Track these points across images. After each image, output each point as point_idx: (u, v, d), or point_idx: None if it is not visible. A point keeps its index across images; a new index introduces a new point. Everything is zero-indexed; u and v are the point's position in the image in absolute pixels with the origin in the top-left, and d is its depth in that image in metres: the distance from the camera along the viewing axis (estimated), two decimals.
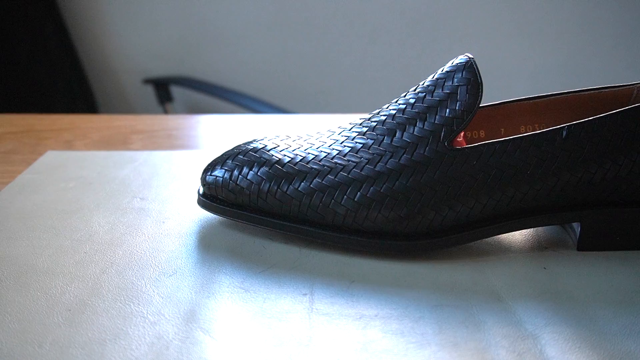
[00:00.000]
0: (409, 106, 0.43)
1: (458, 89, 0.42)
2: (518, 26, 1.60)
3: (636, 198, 0.41)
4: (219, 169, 0.45)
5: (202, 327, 0.34)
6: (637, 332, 0.34)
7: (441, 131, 0.41)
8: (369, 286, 0.38)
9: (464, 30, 1.60)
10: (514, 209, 0.41)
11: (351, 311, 0.36)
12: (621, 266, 0.40)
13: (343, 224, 0.41)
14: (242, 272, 0.40)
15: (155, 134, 0.67)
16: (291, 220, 0.42)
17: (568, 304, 0.36)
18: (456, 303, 0.36)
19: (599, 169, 0.40)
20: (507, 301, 0.37)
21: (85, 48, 1.59)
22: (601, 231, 0.42)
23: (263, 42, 1.61)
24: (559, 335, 0.33)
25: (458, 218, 0.41)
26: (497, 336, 0.33)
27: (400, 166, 0.41)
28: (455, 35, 1.61)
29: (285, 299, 0.37)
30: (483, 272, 0.40)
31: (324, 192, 0.41)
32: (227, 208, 0.44)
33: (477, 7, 1.59)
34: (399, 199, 0.40)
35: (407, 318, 0.35)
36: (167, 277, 0.39)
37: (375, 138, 0.43)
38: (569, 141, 0.40)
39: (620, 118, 0.40)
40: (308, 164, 0.43)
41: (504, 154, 0.40)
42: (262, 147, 0.45)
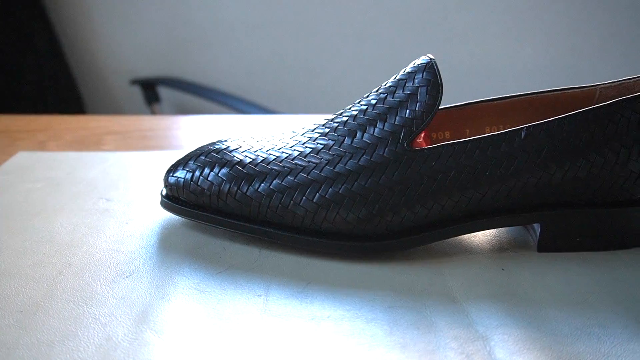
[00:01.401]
0: (370, 107, 0.43)
1: (418, 90, 0.42)
2: (507, 26, 1.60)
3: (595, 199, 0.41)
4: (180, 170, 0.44)
5: (153, 329, 0.34)
6: (588, 333, 0.34)
7: (400, 132, 0.41)
8: (324, 287, 0.38)
9: (453, 30, 1.61)
10: (473, 210, 0.41)
11: (304, 312, 0.36)
12: (579, 267, 0.40)
13: (302, 225, 0.41)
14: (199, 273, 0.40)
15: (129, 134, 0.67)
16: (251, 221, 0.42)
17: (522, 305, 0.36)
18: (410, 304, 0.36)
19: (557, 170, 0.40)
20: (461, 302, 0.37)
21: (73, 49, 1.59)
22: (561, 232, 0.42)
23: (251, 43, 1.61)
24: (509, 337, 0.33)
25: (417, 219, 0.40)
26: (447, 338, 0.33)
27: (359, 167, 0.41)
28: (444, 35, 1.61)
29: (240, 300, 0.37)
30: (441, 273, 0.40)
31: (283, 193, 0.41)
32: (189, 209, 0.44)
33: (467, 7, 1.59)
34: (357, 200, 0.40)
35: (360, 319, 0.35)
36: (124, 279, 0.39)
37: (336, 139, 0.43)
38: (528, 142, 0.40)
39: (579, 119, 0.40)
40: (269, 165, 0.42)
41: (462, 154, 0.40)
42: (225, 148, 0.45)
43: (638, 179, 0.41)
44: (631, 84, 0.44)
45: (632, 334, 0.33)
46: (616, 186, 0.41)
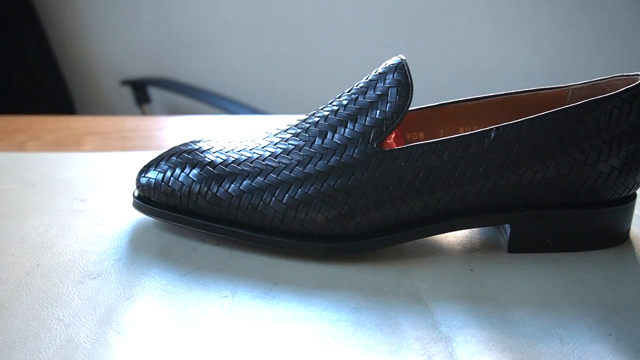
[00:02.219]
0: (342, 107, 0.43)
1: (389, 90, 0.42)
2: (498, 27, 1.60)
3: (565, 200, 0.41)
4: (152, 171, 0.44)
5: (116, 330, 0.34)
6: (551, 335, 0.34)
7: (370, 133, 0.41)
8: (292, 288, 0.38)
9: (444, 31, 1.61)
10: (442, 211, 0.41)
11: (269, 313, 0.35)
12: (548, 268, 0.40)
13: (271, 226, 0.41)
14: (167, 274, 0.39)
15: (110, 135, 0.67)
16: (221, 222, 0.42)
17: (488, 306, 0.36)
18: (376, 305, 0.36)
19: (527, 171, 0.40)
20: (427, 303, 0.36)
21: (62, 49, 1.59)
22: (531, 233, 0.42)
23: (242, 44, 1.60)
24: (472, 338, 0.33)
25: (386, 220, 0.40)
26: (410, 339, 0.33)
27: (328, 168, 0.40)
28: (436, 36, 1.61)
29: (205, 301, 0.37)
30: (409, 274, 0.40)
31: (253, 194, 0.41)
32: (160, 210, 0.44)
33: (457, 9, 1.59)
34: (326, 200, 0.40)
35: (324, 320, 0.35)
36: (91, 280, 0.39)
37: (307, 140, 0.42)
38: (498, 143, 0.40)
39: (548, 120, 0.40)
40: (239, 165, 0.42)
41: (432, 155, 0.40)
42: (197, 149, 0.45)
43: (607, 180, 0.41)
44: (602, 85, 0.44)
45: (595, 335, 0.33)
46: (586, 187, 0.41)
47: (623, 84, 0.43)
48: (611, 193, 0.41)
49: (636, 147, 0.41)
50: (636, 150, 0.41)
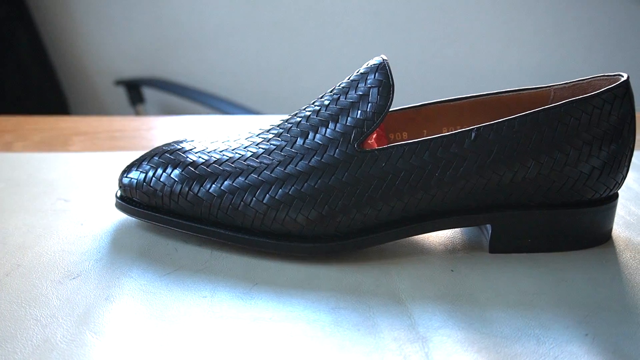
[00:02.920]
0: (323, 108, 0.43)
1: (370, 90, 0.42)
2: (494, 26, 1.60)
3: (546, 200, 0.41)
4: (134, 171, 0.44)
5: (93, 330, 0.34)
6: (528, 335, 0.34)
7: (351, 133, 0.41)
8: (271, 288, 0.38)
9: (438, 31, 1.61)
10: (423, 212, 0.41)
11: (247, 314, 0.35)
12: (529, 268, 0.40)
13: (252, 226, 0.41)
14: (148, 275, 0.39)
15: (98, 135, 0.67)
16: (202, 222, 0.42)
17: (467, 306, 0.36)
18: (355, 305, 0.36)
19: (507, 171, 0.40)
20: (405, 303, 0.36)
21: (56, 49, 1.58)
22: (512, 233, 0.42)
23: (236, 44, 1.60)
24: (448, 338, 0.33)
25: (366, 220, 0.40)
26: (387, 339, 0.33)
27: (309, 168, 0.40)
28: (431, 36, 1.61)
29: (184, 301, 0.37)
30: (389, 274, 0.40)
31: (234, 194, 0.41)
32: (142, 210, 0.44)
33: (451, 9, 1.59)
34: (306, 201, 0.40)
35: (302, 321, 0.35)
36: (70, 280, 0.39)
37: (289, 140, 0.42)
38: (478, 143, 0.40)
39: (529, 120, 0.40)
40: (221, 165, 0.42)
41: (412, 155, 0.40)
42: (179, 149, 0.45)
43: (588, 181, 0.41)
44: (584, 85, 0.44)
45: (572, 335, 0.33)
46: (566, 187, 0.41)
47: (604, 84, 0.43)
48: (592, 193, 0.41)
49: (617, 147, 0.41)
50: (617, 151, 0.41)
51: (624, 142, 0.41)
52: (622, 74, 0.42)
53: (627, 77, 0.41)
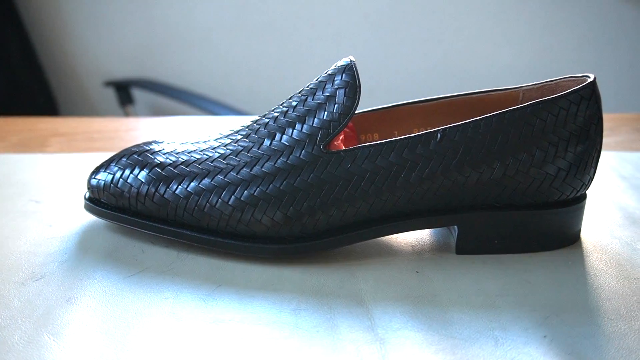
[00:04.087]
0: (291, 109, 0.43)
1: (337, 91, 0.42)
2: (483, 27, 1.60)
3: (512, 201, 0.41)
4: (102, 172, 0.44)
5: (51, 332, 0.34)
6: (487, 336, 0.33)
7: (317, 134, 0.41)
8: (234, 290, 0.38)
9: (429, 32, 1.61)
10: (389, 213, 0.41)
11: (207, 316, 0.35)
12: (494, 269, 0.40)
13: (217, 228, 0.41)
14: (112, 276, 0.39)
15: (75, 137, 0.67)
16: (169, 223, 0.42)
17: (428, 308, 0.36)
18: (316, 307, 0.36)
19: (473, 172, 0.40)
20: (367, 305, 0.36)
21: (46, 50, 1.58)
22: (479, 235, 0.42)
23: (226, 45, 1.60)
24: (406, 340, 0.33)
25: (332, 221, 0.40)
26: (345, 340, 0.33)
27: (275, 169, 0.40)
28: (420, 37, 1.61)
29: (145, 302, 0.37)
30: (353, 276, 0.39)
31: (199, 196, 0.41)
32: (109, 211, 0.44)
33: (441, 9, 1.59)
34: (271, 202, 0.40)
35: (262, 322, 0.35)
36: (34, 282, 0.39)
37: (256, 141, 0.42)
38: (444, 144, 0.40)
39: (495, 121, 0.40)
40: (188, 167, 0.42)
41: (378, 157, 0.40)
42: (147, 150, 0.45)
43: (554, 182, 0.41)
44: (552, 86, 0.44)
45: (530, 337, 0.33)
46: (532, 189, 0.41)
47: (572, 85, 0.43)
48: (558, 194, 0.41)
49: (583, 148, 0.41)
50: (583, 152, 0.41)
51: (590, 143, 0.41)
52: (589, 75, 0.42)
53: (593, 79, 0.41)
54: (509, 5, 1.58)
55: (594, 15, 1.58)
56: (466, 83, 1.62)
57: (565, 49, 1.61)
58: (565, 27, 1.59)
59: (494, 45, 1.61)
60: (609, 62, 1.62)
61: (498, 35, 1.60)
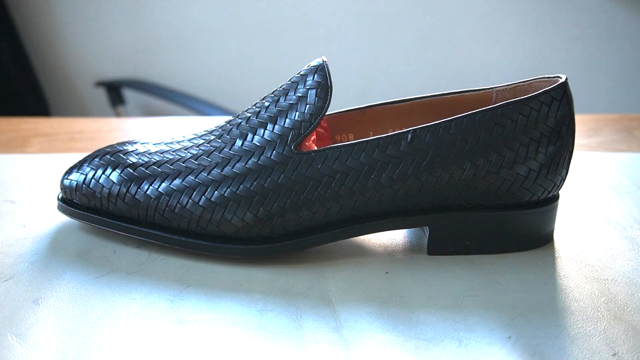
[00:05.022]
0: (264, 109, 0.43)
1: (308, 92, 0.42)
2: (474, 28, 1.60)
3: (483, 202, 0.41)
4: (75, 173, 0.44)
5: (15, 332, 0.34)
6: (452, 337, 0.33)
7: (289, 135, 0.41)
8: (202, 291, 0.38)
9: (419, 32, 1.61)
10: (359, 214, 0.41)
11: (173, 317, 0.35)
12: (465, 270, 0.40)
13: (188, 228, 0.41)
14: (81, 277, 0.39)
15: (57, 137, 0.67)
16: (140, 224, 0.42)
17: (395, 309, 0.36)
18: (283, 308, 0.36)
19: (443, 173, 0.40)
20: (334, 306, 0.36)
21: (37, 50, 1.58)
22: (450, 235, 0.42)
23: (218, 46, 1.60)
24: (371, 341, 0.33)
25: (302, 222, 0.40)
26: (309, 341, 0.33)
27: (245, 170, 0.40)
28: (411, 36, 1.61)
29: (112, 303, 0.36)
30: (323, 276, 0.39)
31: (170, 196, 0.41)
32: (81, 212, 0.44)
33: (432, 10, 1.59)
34: (241, 203, 0.40)
35: (227, 323, 0.35)
36: (2, 282, 0.39)
37: (228, 141, 0.42)
38: (414, 145, 0.40)
39: (465, 122, 0.40)
40: (160, 167, 0.42)
41: (349, 157, 0.40)
42: (120, 150, 0.44)
43: (525, 182, 0.41)
44: (525, 87, 0.44)
45: (494, 338, 0.33)
46: (503, 189, 0.41)
47: (544, 85, 0.43)
48: (529, 195, 0.41)
49: (555, 149, 0.41)
50: (555, 153, 0.41)
51: (562, 144, 0.41)
52: (561, 75, 0.42)
53: (565, 79, 0.41)
54: (500, 5, 1.58)
55: (585, 15, 1.58)
56: (457, 83, 1.62)
57: (556, 49, 1.61)
58: (557, 27, 1.59)
59: (485, 46, 1.61)
60: (600, 62, 1.62)
61: (489, 35, 1.60)
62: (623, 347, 0.33)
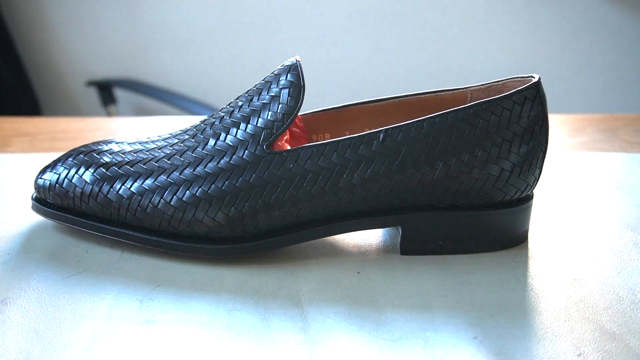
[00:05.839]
0: (237, 109, 0.43)
1: (281, 91, 0.42)
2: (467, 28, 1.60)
3: (455, 202, 0.41)
4: (48, 172, 0.44)
5: None
6: (418, 337, 0.33)
7: (261, 134, 0.41)
8: (172, 291, 0.38)
9: (412, 32, 1.61)
10: (332, 214, 0.41)
11: (140, 317, 0.35)
12: (436, 270, 0.40)
13: (160, 228, 0.41)
14: (52, 277, 0.39)
15: (39, 136, 0.67)
16: (113, 223, 0.42)
17: (364, 309, 0.36)
18: (252, 308, 0.36)
19: (415, 173, 0.40)
20: (303, 306, 0.36)
21: (28, 49, 1.58)
22: (422, 235, 0.42)
23: (208, 45, 1.60)
24: (336, 342, 0.33)
25: (273, 222, 0.40)
26: (275, 341, 0.33)
27: (217, 169, 0.40)
28: (403, 37, 1.61)
29: (81, 303, 0.36)
30: (294, 277, 0.39)
31: (142, 196, 0.41)
32: (54, 211, 0.43)
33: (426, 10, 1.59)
34: (213, 202, 0.40)
35: (194, 324, 0.35)
36: None
37: (201, 141, 0.42)
38: (386, 145, 0.40)
39: (438, 122, 0.40)
40: (133, 167, 0.42)
41: (320, 157, 0.40)
42: (94, 150, 0.44)
43: (497, 183, 0.41)
44: (499, 86, 0.44)
45: (460, 338, 0.33)
46: (475, 189, 0.41)
47: (518, 85, 0.43)
48: (502, 195, 0.41)
49: (527, 149, 0.41)
50: (528, 153, 0.41)
51: (535, 144, 0.41)
52: (534, 75, 0.42)
53: (538, 79, 0.41)
54: (493, 6, 1.58)
55: (578, 16, 1.58)
56: (450, 83, 1.62)
57: (548, 49, 1.61)
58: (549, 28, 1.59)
59: (478, 46, 1.61)
60: (592, 62, 1.62)
61: (482, 35, 1.60)
62: (589, 347, 0.33)
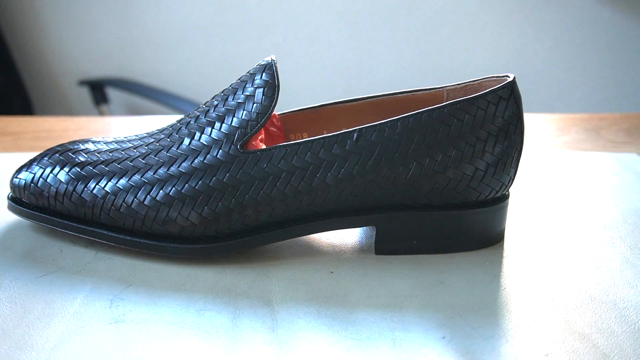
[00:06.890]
0: (212, 108, 0.43)
1: (256, 91, 0.42)
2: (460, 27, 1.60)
3: (429, 202, 0.41)
4: (24, 171, 0.44)
5: None
6: (387, 337, 0.33)
7: (235, 134, 0.41)
8: (144, 290, 0.38)
9: (404, 32, 1.61)
10: (305, 213, 0.40)
11: (109, 316, 0.35)
12: (410, 270, 0.40)
13: (134, 228, 0.41)
14: (24, 276, 0.39)
15: (22, 136, 0.67)
16: (87, 223, 0.42)
17: (335, 308, 0.36)
18: (222, 307, 0.36)
19: (389, 172, 0.40)
20: (274, 305, 0.36)
21: (20, 49, 1.58)
22: (397, 235, 0.42)
23: (201, 44, 1.60)
24: (304, 341, 0.33)
25: (247, 222, 0.40)
26: (244, 341, 0.33)
27: (191, 169, 0.40)
28: (394, 36, 1.61)
29: (51, 303, 0.36)
30: (267, 276, 0.39)
31: (116, 195, 0.41)
32: (29, 211, 0.43)
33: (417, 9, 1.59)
34: (186, 202, 0.40)
35: (163, 323, 0.35)
36: None
37: (176, 140, 0.42)
38: (360, 144, 0.40)
39: (411, 121, 0.40)
40: (107, 166, 0.42)
41: (294, 156, 0.40)
42: (70, 149, 0.44)
43: (472, 182, 0.40)
44: (476, 86, 0.44)
45: (429, 338, 0.33)
46: (449, 189, 0.40)
47: (494, 84, 0.43)
48: (477, 195, 0.41)
49: (502, 148, 0.41)
50: (502, 152, 0.41)
51: (510, 143, 0.41)
52: (509, 74, 0.42)
53: (513, 78, 0.41)
54: (486, 5, 1.58)
55: (571, 15, 1.58)
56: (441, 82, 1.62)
57: (541, 49, 1.61)
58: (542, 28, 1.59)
59: (471, 45, 1.61)
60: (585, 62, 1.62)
61: (475, 35, 1.60)
62: (557, 347, 0.32)
